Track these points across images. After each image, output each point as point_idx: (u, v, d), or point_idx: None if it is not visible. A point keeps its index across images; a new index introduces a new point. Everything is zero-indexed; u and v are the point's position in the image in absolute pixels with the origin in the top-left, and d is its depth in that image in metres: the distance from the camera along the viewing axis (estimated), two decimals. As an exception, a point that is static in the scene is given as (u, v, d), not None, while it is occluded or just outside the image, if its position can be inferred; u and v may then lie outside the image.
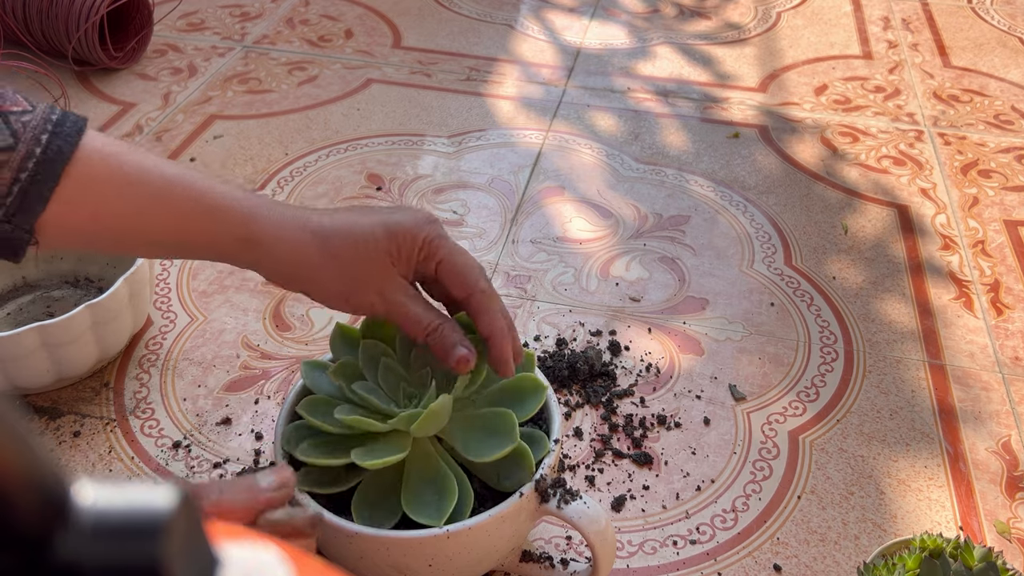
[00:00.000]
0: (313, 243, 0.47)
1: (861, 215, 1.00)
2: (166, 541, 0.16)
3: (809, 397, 0.77)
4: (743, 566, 0.63)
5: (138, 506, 0.16)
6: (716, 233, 0.96)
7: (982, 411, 0.76)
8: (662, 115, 1.17)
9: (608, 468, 0.70)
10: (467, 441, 0.52)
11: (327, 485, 0.50)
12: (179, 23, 1.37)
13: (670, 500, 0.68)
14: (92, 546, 0.16)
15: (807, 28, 1.43)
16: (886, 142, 1.13)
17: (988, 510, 0.68)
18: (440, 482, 0.50)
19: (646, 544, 0.64)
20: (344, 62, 1.27)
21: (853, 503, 0.68)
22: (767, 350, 0.81)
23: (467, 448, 0.51)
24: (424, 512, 0.49)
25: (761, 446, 0.72)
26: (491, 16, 1.43)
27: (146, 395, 0.75)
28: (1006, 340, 0.83)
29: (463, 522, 0.48)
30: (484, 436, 0.51)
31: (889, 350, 0.82)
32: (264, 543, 0.21)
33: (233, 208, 0.46)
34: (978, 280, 0.91)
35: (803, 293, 0.88)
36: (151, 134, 1.09)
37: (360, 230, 0.48)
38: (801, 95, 1.23)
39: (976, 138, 1.14)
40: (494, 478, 0.52)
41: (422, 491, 0.50)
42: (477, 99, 1.19)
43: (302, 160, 1.05)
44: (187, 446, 0.71)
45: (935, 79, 1.29)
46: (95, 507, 0.16)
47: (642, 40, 1.38)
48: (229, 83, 1.21)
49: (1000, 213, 1.01)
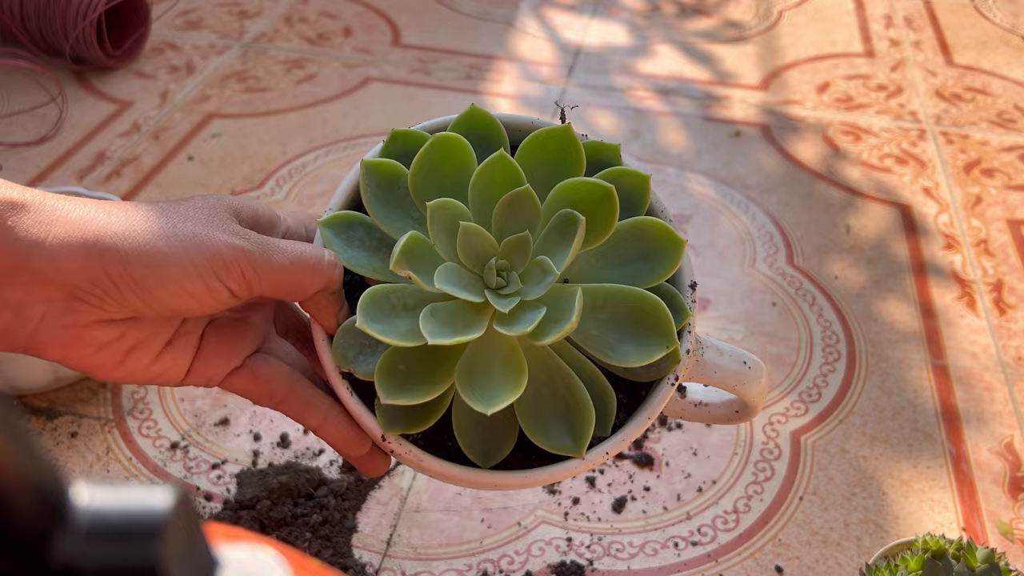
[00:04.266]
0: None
1: (863, 214, 0.99)
2: (164, 542, 0.16)
3: (811, 397, 0.76)
4: (745, 568, 0.63)
5: (136, 507, 0.16)
6: (717, 232, 0.95)
7: (985, 412, 0.76)
8: (663, 114, 1.17)
9: (609, 469, 0.69)
10: (603, 339, 0.37)
11: (415, 422, 0.36)
12: (177, 21, 1.36)
13: (671, 501, 0.67)
14: (90, 548, 0.16)
15: (809, 26, 1.43)
16: (888, 141, 1.13)
17: (991, 511, 0.68)
18: (567, 385, 0.37)
19: (647, 546, 0.64)
20: (343, 60, 1.27)
21: (855, 504, 0.68)
22: (769, 350, 0.81)
23: (604, 349, 0.37)
24: (556, 440, 0.36)
25: (763, 447, 0.72)
26: (491, 14, 1.42)
27: (144, 395, 0.75)
28: (1009, 340, 0.83)
29: (617, 438, 0.37)
30: (623, 329, 0.37)
31: (891, 350, 0.81)
32: (262, 544, 0.21)
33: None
34: (981, 280, 0.90)
35: (805, 293, 0.88)
36: (149, 133, 1.08)
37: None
38: (803, 93, 1.23)
39: (979, 137, 1.14)
40: (620, 368, 0.38)
41: (543, 407, 0.37)
42: (477, 97, 1.19)
43: (300, 159, 1.05)
44: (185, 447, 0.70)
45: (937, 77, 1.28)
46: (93, 508, 0.16)
47: (642, 38, 1.37)
48: (227, 81, 1.20)
49: (1003, 212, 1.00)
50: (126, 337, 0.33)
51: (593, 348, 0.37)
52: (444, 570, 0.62)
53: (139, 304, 0.32)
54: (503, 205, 0.37)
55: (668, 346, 0.36)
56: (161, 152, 1.05)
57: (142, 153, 1.05)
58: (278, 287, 0.34)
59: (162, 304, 0.32)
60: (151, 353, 0.34)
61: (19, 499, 0.15)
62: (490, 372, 0.35)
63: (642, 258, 0.38)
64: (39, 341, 0.31)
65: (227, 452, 0.70)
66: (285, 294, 0.35)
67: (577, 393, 0.36)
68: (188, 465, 0.69)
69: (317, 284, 0.35)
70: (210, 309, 0.34)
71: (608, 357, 0.37)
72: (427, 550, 0.63)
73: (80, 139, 1.07)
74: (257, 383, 0.37)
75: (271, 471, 0.68)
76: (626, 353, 0.36)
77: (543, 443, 0.36)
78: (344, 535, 0.65)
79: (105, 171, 1.01)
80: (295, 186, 1.00)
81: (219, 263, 0.32)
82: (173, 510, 0.16)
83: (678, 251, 0.37)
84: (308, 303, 0.36)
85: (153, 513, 0.16)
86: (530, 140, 0.39)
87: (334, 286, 0.36)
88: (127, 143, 1.06)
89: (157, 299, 0.32)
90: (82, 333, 0.32)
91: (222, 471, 0.69)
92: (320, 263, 0.35)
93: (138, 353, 0.33)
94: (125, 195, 0.97)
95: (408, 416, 0.36)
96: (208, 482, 0.68)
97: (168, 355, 0.34)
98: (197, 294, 0.32)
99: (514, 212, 0.37)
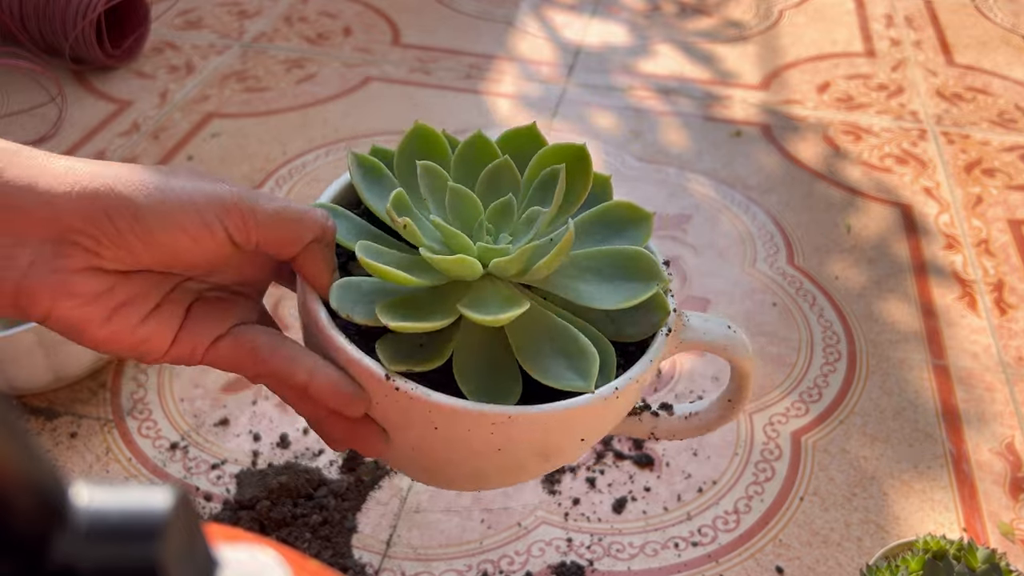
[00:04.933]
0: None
1: (864, 214, 0.99)
2: (164, 543, 0.16)
3: (811, 398, 0.76)
4: (745, 568, 0.63)
5: (135, 508, 0.16)
6: (718, 232, 0.95)
7: (985, 412, 0.76)
8: (663, 113, 1.17)
9: (609, 469, 0.69)
10: (595, 291, 0.38)
11: (419, 360, 0.36)
12: (176, 21, 1.36)
13: (671, 502, 0.67)
14: (89, 548, 0.15)
15: (809, 25, 1.42)
16: (889, 140, 1.13)
17: (992, 511, 0.68)
18: (565, 338, 0.37)
19: (647, 546, 0.64)
20: (343, 60, 1.27)
21: (856, 504, 0.68)
22: (769, 350, 0.81)
23: (598, 299, 0.38)
24: (563, 376, 0.36)
25: (763, 447, 0.72)
26: (491, 13, 1.42)
27: (143, 396, 0.74)
28: (1010, 340, 0.83)
29: (625, 376, 0.37)
30: (613, 280, 0.39)
31: (892, 350, 0.81)
32: (261, 545, 0.21)
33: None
34: (982, 280, 0.90)
35: (805, 293, 0.87)
36: (148, 132, 1.08)
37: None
38: (803, 93, 1.23)
39: (980, 137, 1.14)
40: (610, 328, 0.40)
41: (546, 355, 0.37)
42: (477, 97, 1.19)
43: (300, 159, 1.05)
44: (184, 447, 0.70)
45: (938, 77, 1.28)
46: (92, 509, 0.16)
47: (643, 38, 1.37)
48: (227, 81, 1.20)
49: (1004, 212, 1.00)
50: (116, 291, 0.32)
51: (587, 301, 0.38)
52: (444, 570, 0.62)
53: (137, 244, 0.31)
54: (486, 175, 0.39)
55: (659, 283, 0.38)
56: (161, 152, 1.05)
57: (141, 153, 1.05)
58: (274, 235, 0.34)
59: (161, 246, 0.32)
60: (139, 314, 0.33)
61: (19, 499, 0.15)
62: (492, 303, 0.36)
63: (616, 234, 0.41)
64: (27, 287, 0.30)
65: (227, 452, 0.70)
66: (281, 245, 0.34)
67: (578, 342, 0.37)
68: (188, 465, 0.69)
69: (311, 232, 0.35)
70: (208, 257, 0.33)
71: (603, 303, 0.38)
72: (427, 550, 0.63)
73: (80, 139, 1.07)
74: (240, 348, 0.36)
75: (271, 471, 0.68)
76: (619, 298, 0.38)
77: (551, 381, 0.36)
78: (344, 535, 0.64)
79: (105, 171, 1.01)
80: (295, 186, 1.00)
81: (219, 205, 0.32)
82: (173, 510, 0.16)
83: (647, 223, 0.40)
84: (302, 258, 0.35)
85: (153, 513, 0.16)
86: (503, 135, 0.42)
87: (328, 237, 0.36)
88: (127, 143, 1.06)
89: (156, 240, 0.31)
90: (72, 280, 0.31)
91: (222, 471, 0.68)
92: (312, 211, 0.35)
93: (126, 311, 0.33)
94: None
95: (411, 355, 0.36)
96: (208, 482, 0.68)
97: (155, 320, 0.34)
98: (198, 236, 0.32)
99: (496, 182, 0.39)
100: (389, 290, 0.37)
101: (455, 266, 0.35)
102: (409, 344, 0.36)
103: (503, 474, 0.40)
